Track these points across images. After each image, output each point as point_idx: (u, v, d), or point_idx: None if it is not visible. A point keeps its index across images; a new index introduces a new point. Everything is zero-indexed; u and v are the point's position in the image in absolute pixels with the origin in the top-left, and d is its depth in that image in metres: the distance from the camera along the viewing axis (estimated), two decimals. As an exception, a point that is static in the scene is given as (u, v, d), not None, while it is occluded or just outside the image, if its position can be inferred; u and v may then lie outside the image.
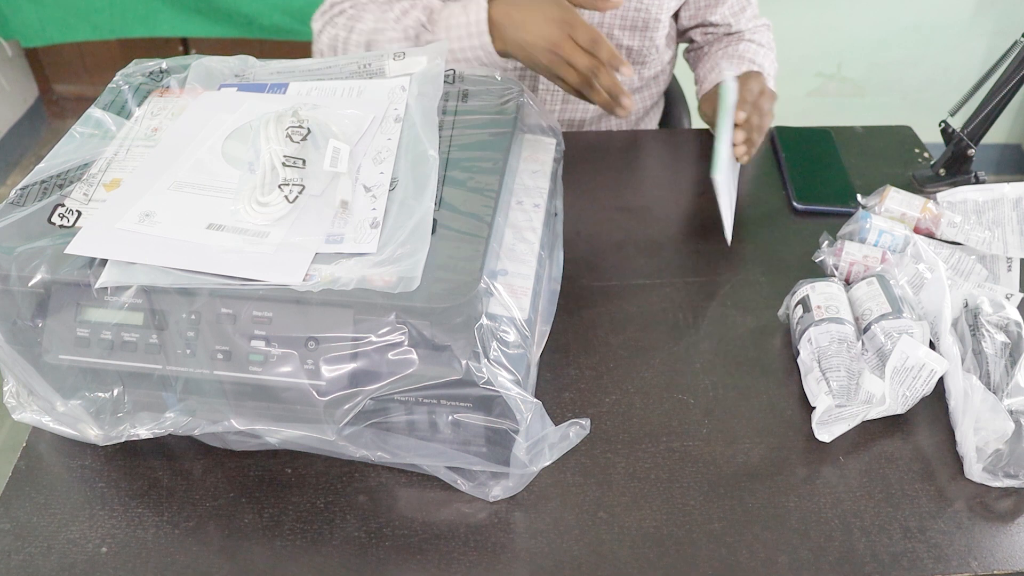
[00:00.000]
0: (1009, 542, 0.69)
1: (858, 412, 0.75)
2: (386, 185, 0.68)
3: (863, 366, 0.76)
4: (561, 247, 0.83)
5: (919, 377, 0.75)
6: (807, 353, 0.79)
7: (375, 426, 0.66)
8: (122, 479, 0.73)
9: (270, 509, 0.70)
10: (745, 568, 0.67)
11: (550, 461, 0.67)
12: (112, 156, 0.73)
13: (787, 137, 1.17)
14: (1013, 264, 0.92)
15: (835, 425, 0.75)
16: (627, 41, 1.17)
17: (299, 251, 0.64)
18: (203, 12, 2.19)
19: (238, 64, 0.84)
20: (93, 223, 0.66)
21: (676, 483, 0.73)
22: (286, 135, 0.68)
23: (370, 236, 0.65)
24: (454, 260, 0.63)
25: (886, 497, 0.72)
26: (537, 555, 0.68)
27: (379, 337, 0.61)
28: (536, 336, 0.71)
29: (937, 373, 0.75)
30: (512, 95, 0.80)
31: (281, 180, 0.66)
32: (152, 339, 0.64)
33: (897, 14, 2.27)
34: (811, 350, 0.79)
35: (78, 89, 2.68)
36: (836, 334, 0.78)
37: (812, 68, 2.36)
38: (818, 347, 0.78)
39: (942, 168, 1.09)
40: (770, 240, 1.00)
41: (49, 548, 0.68)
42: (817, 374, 0.77)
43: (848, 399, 0.75)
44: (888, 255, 0.90)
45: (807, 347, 0.80)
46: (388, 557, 0.67)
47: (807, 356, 0.79)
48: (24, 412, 0.72)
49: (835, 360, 0.77)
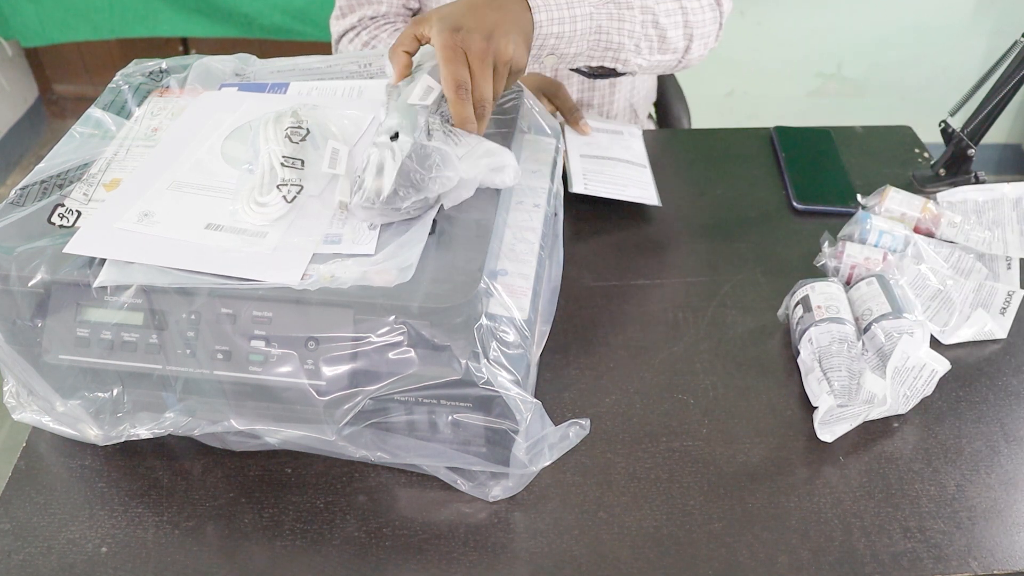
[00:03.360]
0: (1009, 542, 0.69)
1: (860, 412, 0.75)
2: (386, 185, 0.68)
3: (864, 366, 0.76)
4: (561, 247, 0.83)
5: (920, 377, 0.75)
6: (808, 353, 0.79)
7: (375, 426, 0.66)
8: (122, 479, 0.73)
9: (270, 509, 0.70)
10: (745, 568, 0.67)
11: (550, 461, 0.67)
12: (112, 156, 0.73)
13: (787, 137, 1.17)
14: (1013, 263, 0.92)
15: (837, 425, 0.75)
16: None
17: (297, 251, 0.64)
18: (203, 12, 2.19)
19: (239, 63, 0.84)
20: (92, 223, 0.66)
21: (676, 483, 0.73)
22: (285, 135, 0.68)
23: (368, 237, 0.65)
24: (454, 260, 0.63)
25: (886, 497, 0.72)
26: (537, 555, 0.68)
27: (379, 337, 0.61)
28: (536, 336, 0.71)
29: (938, 373, 0.75)
30: (512, 95, 0.80)
31: (279, 180, 0.66)
32: (152, 339, 0.64)
33: (897, 14, 2.27)
34: (812, 350, 0.79)
35: (78, 89, 2.68)
36: (837, 334, 0.78)
37: (812, 68, 2.36)
38: (819, 347, 0.78)
39: (942, 168, 1.09)
40: (770, 240, 1.00)
41: (49, 548, 0.68)
42: (818, 374, 0.77)
43: (850, 399, 0.75)
44: (889, 256, 0.90)
45: (808, 347, 0.80)
46: (388, 557, 0.67)
47: (808, 356, 0.79)
48: (24, 412, 0.72)
49: (836, 360, 0.77)
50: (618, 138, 1.11)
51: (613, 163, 1.05)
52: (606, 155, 1.07)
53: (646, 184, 1.04)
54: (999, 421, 0.79)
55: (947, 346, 0.86)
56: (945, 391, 0.81)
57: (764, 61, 2.31)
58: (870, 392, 0.74)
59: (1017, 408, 0.80)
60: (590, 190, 1.00)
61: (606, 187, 1.01)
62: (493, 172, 0.68)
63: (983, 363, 0.85)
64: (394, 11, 1.17)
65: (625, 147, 1.10)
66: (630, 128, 1.13)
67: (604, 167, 1.04)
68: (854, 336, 0.79)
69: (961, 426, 0.78)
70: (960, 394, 0.81)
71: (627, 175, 1.04)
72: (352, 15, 1.17)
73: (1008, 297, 0.88)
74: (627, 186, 1.02)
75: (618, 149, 1.09)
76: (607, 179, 1.02)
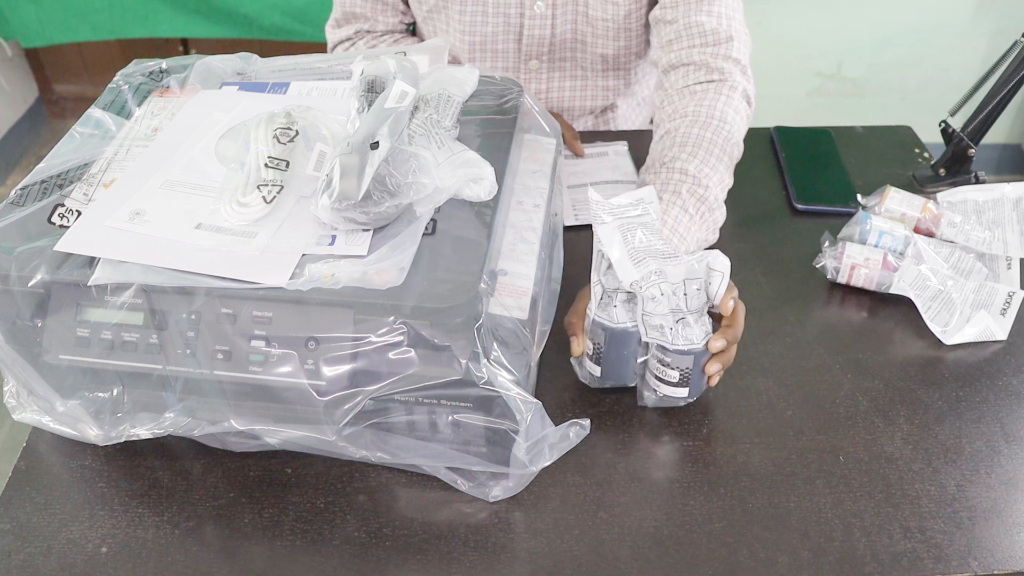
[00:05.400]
0: (1009, 542, 0.69)
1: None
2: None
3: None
4: (561, 247, 0.83)
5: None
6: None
7: (375, 426, 0.66)
8: (122, 479, 0.73)
9: (270, 509, 0.70)
10: (745, 568, 0.67)
11: (550, 461, 0.67)
12: (112, 156, 0.73)
13: (787, 137, 1.17)
14: (1013, 263, 0.92)
15: None
16: (601, 49, 1.16)
17: (285, 252, 0.64)
18: (203, 12, 2.19)
19: (240, 62, 0.84)
20: (84, 221, 0.66)
21: (676, 483, 0.73)
22: (273, 136, 0.68)
23: (361, 239, 0.64)
24: (454, 260, 0.63)
25: (886, 497, 0.72)
26: (537, 555, 0.68)
27: (379, 337, 0.61)
28: (536, 336, 0.71)
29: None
30: (512, 95, 0.80)
31: (260, 181, 0.66)
32: (152, 339, 0.64)
33: (897, 14, 2.27)
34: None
35: (78, 89, 2.68)
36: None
37: (812, 68, 2.36)
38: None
39: (942, 168, 1.09)
40: (770, 240, 1.00)
41: (49, 548, 0.68)
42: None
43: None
44: (889, 256, 0.90)
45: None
46: (388, 557, 0.67)
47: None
48: (24, 412, 0.72)
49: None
50: (603, 160, 1.12)
51: (601, 187, 1.07)
52: (592, 180, 1.08)
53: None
54: (999, 421, 0.79)
55: (948, 346, 0.86)
56: (945, 391, 0.81)
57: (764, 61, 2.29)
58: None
59: (1017, 408, 0.80)
60: (581, 219, 1.02)
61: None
62: (470, 183, 0.68)
63: (983, 363, 0.85)
64: (390, 28, 1.18)
65: (612, 167, 1.11)
66: (615, 146, 1.15)
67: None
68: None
69: (961, 426, 0.78)
70: (960, 394, 0.81)
71: (617, 194, 1.04)
72: (348, 27, 1.17)
73: (1009, 298, 0.88)
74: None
75: (605, 171, 1.10)
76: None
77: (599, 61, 1.17)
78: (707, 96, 0.96)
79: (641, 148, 1.12)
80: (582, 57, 1.16)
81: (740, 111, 0.97)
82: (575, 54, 1.16)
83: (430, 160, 0.66)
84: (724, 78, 0.98)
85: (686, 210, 0.87)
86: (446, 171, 0.67)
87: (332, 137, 0.70)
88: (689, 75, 1.00)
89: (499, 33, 1.12)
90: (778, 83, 2.36)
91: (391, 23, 1.18)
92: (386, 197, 0.63)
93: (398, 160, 0.65)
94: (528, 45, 1.14)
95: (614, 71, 1.20)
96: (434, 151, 0.67)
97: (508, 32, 1.12)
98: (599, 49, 1.15)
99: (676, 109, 0.97)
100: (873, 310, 0.91)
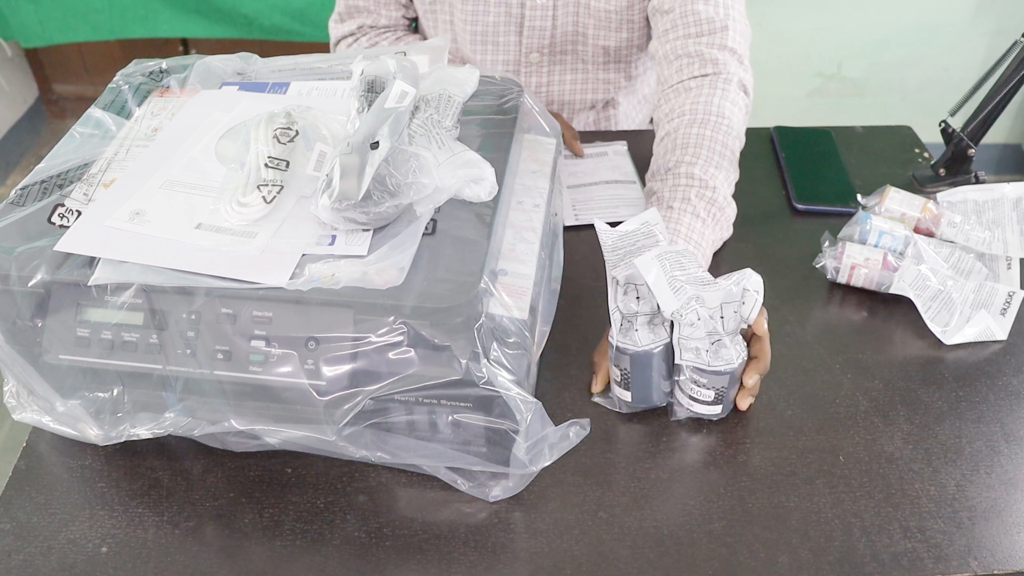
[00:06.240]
0: (1009, 542, 0.69)
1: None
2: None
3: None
4: (561, 247, 0.83)
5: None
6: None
7: (375, 426, 0.66)
8: (122, 479, 0.73)
9: (270, 509, 0.70)
10: (745, 568, 0.67)
11: (550, 461, 0.67)
12: (112, 156, 0.73)
13: (787, 137, 1.17)
14: (1013, 263, 0.92)
15: None
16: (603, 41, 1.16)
17: (285, 252, 0.64)
18: (203, 12, 2.19)
19: (241, 62, 0.84)
20: (84, 221, 0.66)
21: (676, 483, 0.73)
22: (273, 136, 0.68)
23: (361, 239, 0.64)
24: (454, 260, 0.63)
25: (886, 497, 0.72)
26: (537, 555, 0.68)
27: (379, 337, 0.61)
28: (536, 336, 0.71)
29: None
30: (512, 95, 0.80)
31: (260, 181, 0.66)
32: (152, 339, 0.64)
33: (897, 14, 2.27)
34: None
35: (78, 89, 2.68)
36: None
37: (812, 68, 2.36)
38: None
39: (942, 168, 1.09)
40: (770, 240, 1.00)
41: (49, 548, 0.68)
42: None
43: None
44: (889, 256, 0.90)
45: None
46: (388, 557, 0.67)
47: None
48: (24, 412, 0.72)
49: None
50: (603, 159, 1.12)
51: (600, 187, 1.07)
52: (592, 180, 1.09)
53: (637, 200, 1.05)
54: (999, 421, 0.79)
55: (948, 346, 0.86)
56: (945, 391, 0.81)
57: (764, 61, 2.30)
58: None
59: (1017, 408, 0.80)
60: (581, 219, 1.02)
61: (597, 212, 1.03)
62: (470, 183, 0.68)
63: (983, 363, 0.85)
64: (392, 23, 1.18)
65: (612, 167, 1.11)
66: (614, 146, 1.15)
67: (592, 193, 1.07)
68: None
69: (961, 426, 0.78)
70: (960, 394, 0.81)
71: (617, 195, 1.06)
72: (351, 21, 1.17)
73: (1009, 298, 0.88)
74: (618, 207, 1.04)
75: (604, 171, 1.10)
76: (597, 204, 1.05)
77: (600, 53, 1.17)
78: (703, 92, 0.96)
79: (641, 148, 1.12)
80: (583, 50, 1.16)
81: (738, 103, 0.96)
82: (576, 47, 1.16)
83: (430, 160, 0.66)
84: (719, 70, 0.97)
85: (698, 215, 0.87)
86: (446, 171, 0.67)
87: (332, 137, 0.70)
88: (684, 69, 0.99)
89: (500, 24, 1.13)
90: (778, 83, 2.36)
91: (394, 17, 1.17)
92: (386, 197, 0.64)
93: (398, 160, 0.65)
94: (529, 37, 1.14)
95: (615, 64, 1.20)
96: (434, 151, 0.67)
97: (509, 23, 1.13)
98: (600, 41, 1.15)
99: (673, 108, 0.97)
100: (873, 310, 0.91)
